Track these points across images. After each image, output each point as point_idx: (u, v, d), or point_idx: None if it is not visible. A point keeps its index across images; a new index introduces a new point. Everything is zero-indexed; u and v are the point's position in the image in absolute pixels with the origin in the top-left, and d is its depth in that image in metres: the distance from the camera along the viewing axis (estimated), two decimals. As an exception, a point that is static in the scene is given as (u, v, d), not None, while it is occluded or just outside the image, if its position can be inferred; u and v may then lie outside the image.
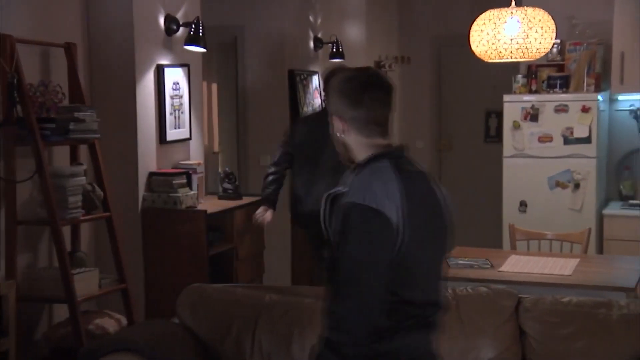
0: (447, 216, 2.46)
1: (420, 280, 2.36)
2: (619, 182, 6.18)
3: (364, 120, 2.35)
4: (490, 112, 7.86)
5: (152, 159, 4.96)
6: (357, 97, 2.35)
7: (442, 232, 2.45)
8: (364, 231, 2.22)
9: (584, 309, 3.09)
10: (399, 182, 2.28)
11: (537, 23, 4.39)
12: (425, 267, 2.36)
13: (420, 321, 2.37)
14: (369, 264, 2.22)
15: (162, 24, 5.03)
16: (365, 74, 2.42)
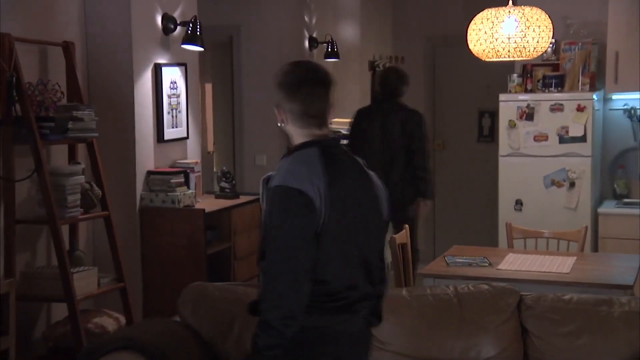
0: (380, 208, 2.57)
1: (338, 263, 2.43)
2: (613, 181, 6.21)
3: (299, 112, 2.48)
4: (483, 111, 7.87)
5: (149, 158, 4.95)
6: (293, 90, 2.48)
7: (371, 222, 2.53)
8: (288, 210, 2.35)
9: (585, 307, 3.11)
10: (323, 167, 2.40)
11: (534, 22, 4.41)
12: (345, 251, 2.44)
13: (337, 303, 2.43)
14: (295, 240, 2.34)
15: (159, 23, 5.03)
16: (302, 68, 2.55)
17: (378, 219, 2.57)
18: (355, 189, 2.48)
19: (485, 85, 7.67)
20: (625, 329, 3.00)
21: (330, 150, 2.49)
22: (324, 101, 2.50)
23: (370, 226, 2.52)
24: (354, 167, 2.54)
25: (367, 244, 2.52)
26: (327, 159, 2.43)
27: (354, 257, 2.48)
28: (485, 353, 3.10)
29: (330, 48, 7.20)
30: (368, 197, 2.53)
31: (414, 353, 3.15)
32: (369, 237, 2.52)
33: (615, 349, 2.98)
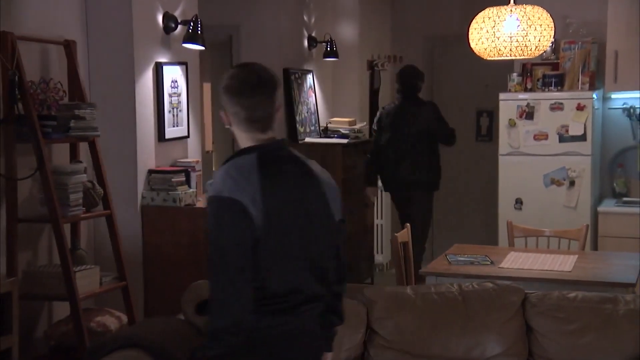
0: (329, 209, 2.55)
1: (278, 269, 2.43)
2: (613, 180, 6.23)
3: (242, 116, 2.49)
4: (481, 111, 7.88)
5: (150, 157, 4.95)
6: (236, 94, 2.48)
7: (319, 223, 2.53)
8: (222, 220, 2.37)
9: (590, 305, 3.12)
10: (259, 174, 2.40)
11: (536, 21, 4.42)
12: (286, 256, 2.44)
13: (278, 305, 2.43)
14: (232, 251, 2.35)
15: (160, 21, 5.02)
16: (245, 72, 2.54)
17: (327, 220, 2.55)
18: (297, 192, 2.47)
19: (483, 85, 7.67)
20: (630, 326, 3.01)
21: (271, 154, 2.48)
22: (268, 105, 2.49)
23: (317, 228, 2.52)
24: (297, 170, 2.52)
25: (316, 246, 2.51)
26: (265, 165, 2.42)
27: (298, 261, 2.47)
28: (490, 351, 3.11)
29: (330, 47, 7.21)
30: (314, 200, 2.51)
31: (418, 351, 3.16)
32: (317, 240, 2.52)
33: (620, 346, 2.99)
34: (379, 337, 3.22)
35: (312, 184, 2.53)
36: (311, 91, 7.20)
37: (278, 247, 2.42)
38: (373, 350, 3.22)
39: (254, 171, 2.40)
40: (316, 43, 7.26)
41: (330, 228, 2.57)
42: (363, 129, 7.34)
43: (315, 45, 7.27)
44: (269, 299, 2.42)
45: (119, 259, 4.50)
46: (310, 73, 7.21)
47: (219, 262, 2.36)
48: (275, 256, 2.41)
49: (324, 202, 2.54)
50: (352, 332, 3.22)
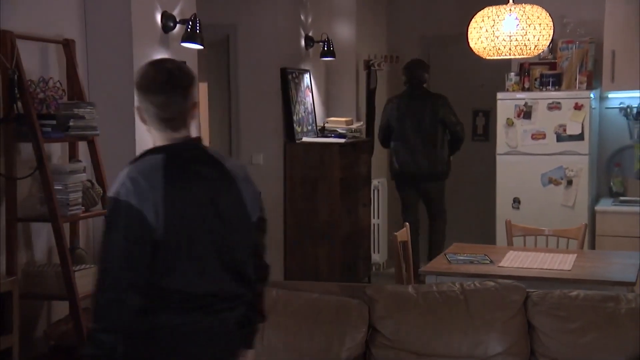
0: (245, 209, 2.50)
1: (187, 273, 2.38)
2: (609, 179, 6.25)
3: (152, 113, 2.45)
4: (477, 111, 7.89)
5: (149, 156, 4.94)
6: (147, 92, 2.45)
7: (234, 224, 2.47)
8: (114, 223, 2.32)
9: (592, 303, 3.12)
10: (164, 176, 2.34)
11: (535, 20, 4.43)
12: (194, 260, 2.39)
13: (190, 304, 2.39)
14: (119, 256, 2.30)
15: (159, 21, 5.01)
16: (156, 69, 2.49)
17: (243, 221, 2.50)
18: (207, 194, 2.42)
19: (479, 85, 7.68)
20: (633, 325, 3.01)
21: (181, 154, 2.45)
22: (181, 103, 2.45)
23: (232, 229, 2.46)
24: (209, 170, 2.47)
25: (230, 247, 2.46)
26: (172, 166, 2.38)
27: (209, 262, 2.42)
28: (492, 350, 3.11)
29: (327, 47, 7.22)
30: (228, 200, 2.47)
31: (421, 350, 3.16)
32: (232, 241, 2.46)
33: (622, 345, 2.99)
34: (381, 336, 3.22)
35: (227, 184, 2.47)
36: (308, 91, 7.20)
37: (183, 250, 2.37)
38: (375, 350, 3.23)
39: (158, 173, 2.35)
40: (313, 42, 7.26)
41: (247, 228, 2.52)
42: (360, 129, 7.35)
43: (312, 45, 7.28)
44: (181, 301, 2.38)
45: (118, 259, 4.48)
46: (307, 72, 7.21)
47: (104, 264, 2.34)
48: (180, 259, 2.37)
49: (239, 203, 2.49)
50: (354, 331, 3.22)
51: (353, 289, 3.42)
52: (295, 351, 3.20)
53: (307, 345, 3.20)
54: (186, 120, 2.51)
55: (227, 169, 2.50)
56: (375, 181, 7.74)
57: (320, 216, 6.72)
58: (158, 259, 2.33)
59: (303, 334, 3.22)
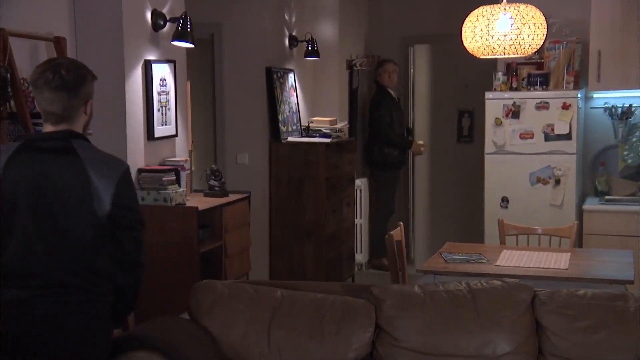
0: (88, 204, 2.69)
1: (12, 249, 2.64)
2: (595, 178, 6.30)
3: (40, 108, 2.80)
4: (463, 111, 7.88)
5: (140, 156, 4.88)
6: (34, 88, 2.77)
7: (67, 216, 2.68)
8: None
9: (600, 302, 3.12)
10: (7, 160, 2.67)
11: (529, 19, 4.44)
12: (18, 240, 2.64)
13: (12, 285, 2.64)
14: None
15: (149, 19, 4.96)
16: (43, 69, 2.78)
17: (85, 214, 2.68)
18: (43, 182, 2.66)
19: (462, 85, 7.69)
20: (642, 323, 3.01)
21: (34, 144, 2.74)
22: (60, 102, 2.76)
23: (68, 220, 2.67)
24: (57, 161, 2.70)
25: (62, 236, 2.66)
26: (19, 152, 2.70)
27: (33, 246, 2.64)
28: (501, 349, 3.10)
29: (311, 47, 7.19)
30: (70, 191, 2.68)
31: (429, 350, 3.14)
32: (65, 230, 2.67)
33: (632, 344, 2.99)
34: (388, 336, 3.20)
35: (72, 175, 2.69)
36: (292, 90, 7.17)
37: (9, 230, 2.62)
38: (382, 349, 3.21)
39: (3, 157, 2.68)
40: (297, 42, 7.23)
41: (91, 222, 2.69)
42: (344, 129, 7.33)
43: (297, 45, 7.24)
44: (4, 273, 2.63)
45: (111, 260, 4.42)
46: (291, 72, 7.17)
47: None
48: (6, 237, 2.63)
49: (84, 195, 2.67)
50: (361, 331, 3.20)
51: (357, 288, 3.40)
52: (302, 352, 3.17)
53: (314, 346, 3.18)
54: (69, 116, 2.83)
55: (83, 164, 2.72)
56: (358, 181, 7.73)
57: (306, 216, 6.69)
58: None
59: (310, 334, 3.20)
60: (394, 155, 7.70)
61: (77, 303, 2.66)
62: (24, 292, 2.61)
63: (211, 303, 3.29)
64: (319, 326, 3.20)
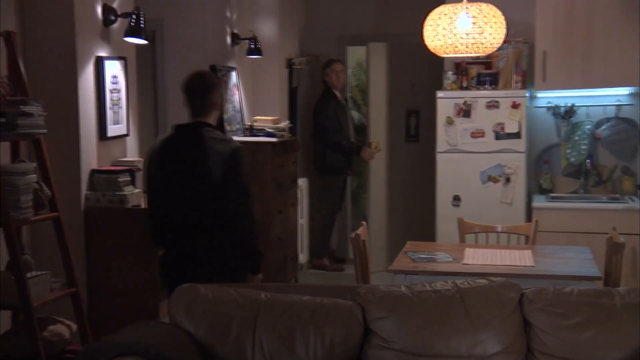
0: (205, 169, 3.90)
1: (166, 204, 4.01)
2: (539, 176, 6.40)
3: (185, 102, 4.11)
4: (410, 111, 7.87)
5: (93, 156, 4.71)
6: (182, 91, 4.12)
7: (193, 173, 3.92)
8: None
9: (587, 299, 3.13)
10: (166, 139, 4.10)
11: (491, 19, 4.47)
12: (171, 196, 3.99)
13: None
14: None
15: (99, 14, 4.78)
16: (186, 78, 4.17)
17: (204, 174, 3.90)
18: (183, 151, 3.98)
19: (410, 84, 7.70)
20: (630, 320, 3.03)
21: (181, 129, 4.08)
22: (196, 101, 4.06)
23: (192, 180, 3.92)
24: (191, 140, 3.98)
25: (193, 191, 3.94)
26: (174, 134, 4.09)
27: (180, 201, 3.97)
28: (491, 349, 3.08)
29: (253, 45, 7.09)
30: (194, 159, 3.93)
31: (419, 351, 3.10)
32: (192, 187, 3.94)
33: (621, 340, 3.01)
34: (377, 337, 3.15)
35: (202, 152, 3.91)
36: (235, 89, 7.06)
37: (164, 189, 4.08)
38: (370, 351, 3.15)
39: (164, 137, 4.17)
40: (239, 40, 7.11)
41: (207, 181, 3.90)
42: (287, 128, 7.26)
43: (238, 42, 7.13)
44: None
45: (68, 264, 4.24)
46: (234, 70, 7.05)
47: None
48: (163, 194, 4.11)
49: (203, 163, 3.90)
50: (349, 333, 3.14)
51: (340, 290, 3.34)
52: (289, 355, 3.09)
53: (301, 349, 3.09)
54: (203, 111, 4.07)
55: (205, 142, 3.94)
56: (300, 181, 7.66)
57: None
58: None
59: (296, 337, 3.11)
60: (341, 160, 7.60)
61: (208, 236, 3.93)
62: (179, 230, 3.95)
63: (194, 307, 3.17)
64: (306, 328, 3.12)
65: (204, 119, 4.01)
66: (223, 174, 3.83)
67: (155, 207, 4.06)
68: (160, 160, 3.99)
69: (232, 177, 3.86)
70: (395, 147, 7.76)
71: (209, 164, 3.83)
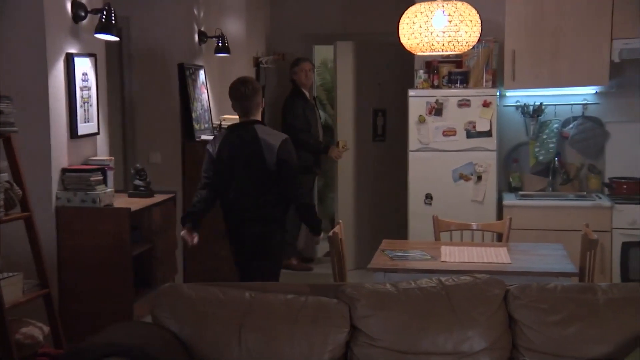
0: (262, 157, 4.57)
1: (231, 186, 4.66)
2: (508, 175, 6.44)
3: (233, 106, 4.77)
4: (377, 110, 7.84)
5: (63, 155, 4.62)
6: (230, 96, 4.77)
7: (252, 162, 4.59)
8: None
9: (571, 295, 3.15)
10: (225, 136, 4.71)
11: (467, 17, 4.47)
12: (230, 180, 4.66)
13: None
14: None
15: (69, 10, 4.69)
16: (233, 85, 4.76)
17: (259, 164, 4.56)
18: (242, 146, 4.61)
19: (376, 83, 7.68)
20: (613, 315, 3.06)
21: (237, 127, 4.71)
22: (240, 104, 4.70)
23: (252, 169, 4.59)
24: (247, 136, 4.61)
25: (252, 175, 4.61)
26: (230, 131, 4.72)
27: (242, 183, 4.64)
28: (477, 345, 3.08)
29: (221, 43, 7.03)
30: (251, 152, 4.57)
31: (406, 348, 3.09)
32: (251, 170, 4.60)
33: (605, 335, 3.04)
34: (364, 336, 3.13)
35: (255, 142, 4.58)
36: (203, 87, 6.99)
37: (229, 173, 4.71)
38: (357, 349, 3.13)
39: (224, 134, 4.79)
40: (206, 38, 7.04)
41: (262, 168, 4.58)
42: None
43: (206, 41, 7.05)
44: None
45: (40, 265, 4.16)
46: (201, 69, 6.98)
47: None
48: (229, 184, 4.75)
49: (259, 153, 4.55)
50: (336, 331, 3.11)
51: (325, 288, 3.31)
52: (275, 355, 3.06)
53: (288, 348, 3.06)
54: (249, 112, 4.70)
55: (259, 136, 4.59)
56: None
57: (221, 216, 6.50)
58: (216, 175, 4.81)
59: (282, 336, 3.08)
60: (309, 159, 7.52)
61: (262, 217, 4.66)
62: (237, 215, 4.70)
63: (178, 307, 3.12)
64: (292, 328, 3.09)
65: (253, 117, 4.65)
66: (276, 162, 4.51)
67: (222, 192, 4.70)
68: (223, 154, 4.62)
69: (284, 163, 4.54)
70: (362, 146, 7.73)
71: (264, 154, 4.52)
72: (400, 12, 4.62)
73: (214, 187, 4.68)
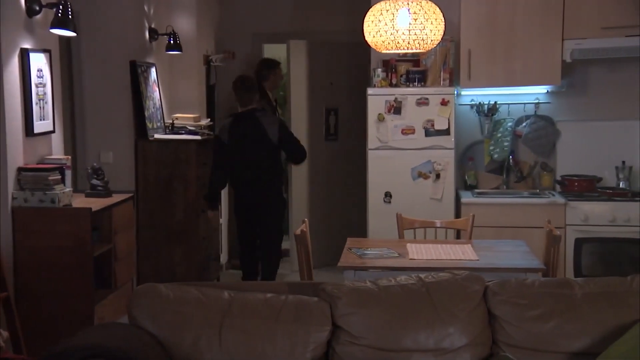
0: (267, 136, 5.89)
1: (238, 163, 5.89)
2: (464, 173, 6.49)
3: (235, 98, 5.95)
4: (329, 109, 7.80)
5: (19, 153, 4.47)
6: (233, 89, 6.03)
7: (258, 140, 5.87)
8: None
9: (549, 290, 3.17)
10: (232, 122, 5.91)
11: (431, 15, 4.47)
12: (241, 158, 5.94)
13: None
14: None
15: (22, 3, 4.54)
16: (235, 80, 6.06)
17: (264, 141, 5.86)
18: (248, 130, 5.88)
19: (328, 82, 7.65)
20: (591, 309, 3.09)
21: (240, 115, 5.93)
22: (243, 95, 5.98)
23: (258, 146, 5.86)
24: (250, 122, 5.90)
25: (257, 153, 5.89)
26: (234, 119, 5.95)
27: (249, 161, 5.92)
28: (458, 342, 3.07)
29: (173, 40, 6.91)
30: (256, 134, 5.85)
31: (388, 345, 3.06)
32: (256, 150, 5.87)
33: (584, 329, 3.06)
34: (345, 334, 3.09)
35: (258, 126, 5.87)
36: (155, 85, 6.86)
37: (237, 153, 5.97)
38: (339, 348, 3.09)
39: (229, 121, 5.99)
40: (157, 35, 6.92)
41: (267, 145, 5.90)
42: (208, 126, 7.11)
43: (157, 38, 6.93)
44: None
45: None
46: (153, 66, 6.86)
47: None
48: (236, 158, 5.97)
49: (263, 134, 5.85)
50: (317, 330, 3.07)
51: (303, 287, 3.26)
52: (256, 355, 3.00)
53: (269, 348, 3.01)
54: (249, 102, 5.98)
55: (259, 120, 5.90)
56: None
57: (176, 216, 6.42)
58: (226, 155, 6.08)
59: (263, 336, 3.02)
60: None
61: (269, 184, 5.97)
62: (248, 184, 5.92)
63: (156, 308, 3.03)
64: (273, 327, 3.03)
65: (252, 106, 5.95)
66: (279, 138, 5.86)
67: (230, 169, 5.94)
68: (233, 137, 5.87)
69: (286, 137, 5.95)
70: (315, 145, 7.68)
71: (267, 134, 5.84)
72: (352, 11, 4.60)
73: (226, 168, 5.91)
